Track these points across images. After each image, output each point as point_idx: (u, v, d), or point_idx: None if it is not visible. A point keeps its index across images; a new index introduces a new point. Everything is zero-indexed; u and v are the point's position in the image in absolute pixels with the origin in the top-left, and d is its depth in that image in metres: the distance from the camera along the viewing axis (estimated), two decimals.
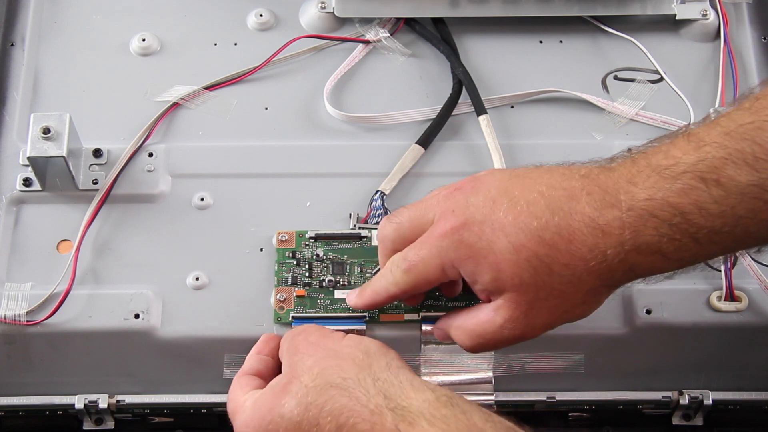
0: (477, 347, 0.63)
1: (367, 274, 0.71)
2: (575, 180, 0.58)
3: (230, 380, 0.69)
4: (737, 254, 0.70)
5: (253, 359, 0.65)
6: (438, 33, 0.81)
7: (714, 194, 0.55)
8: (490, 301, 0.61)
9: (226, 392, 0.68)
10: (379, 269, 0.66)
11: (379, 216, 0.72)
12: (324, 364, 0.59)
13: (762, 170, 0.54)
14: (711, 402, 0.70)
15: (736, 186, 0.54)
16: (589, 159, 0.61)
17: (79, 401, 0.69)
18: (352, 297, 0.67)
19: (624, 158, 0.59)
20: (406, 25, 0.82)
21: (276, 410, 0.59)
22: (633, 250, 0.57)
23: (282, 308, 0.70)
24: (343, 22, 0.82)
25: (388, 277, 0.64)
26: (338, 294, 0.70)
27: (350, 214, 0.73)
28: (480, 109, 0.77)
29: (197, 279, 0.71)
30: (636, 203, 0.56)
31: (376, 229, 0.72)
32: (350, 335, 0.63)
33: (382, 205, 0.73)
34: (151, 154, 0.75)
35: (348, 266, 0.71)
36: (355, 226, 0.72)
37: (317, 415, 0.57)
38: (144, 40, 0.80)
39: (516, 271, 0.58)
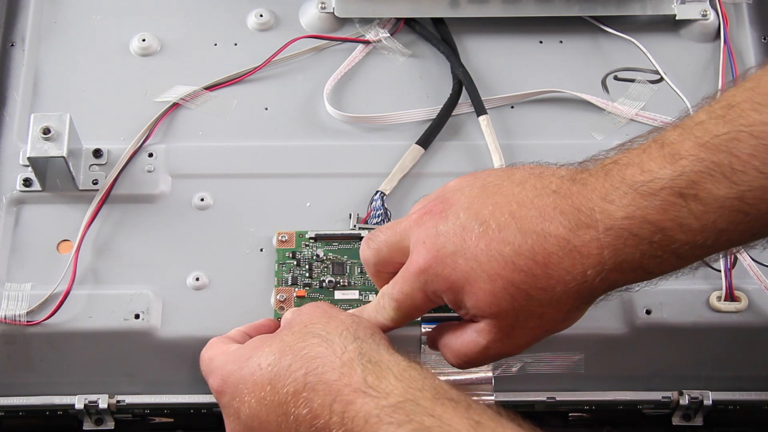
0: (463, 365, 0.62)
1: (366, 274, 0.71)
2: (547, 196, 0.56)
3: None
4: (737, 254, 0.70)
5: (239, 333, 0.66)
6: (438, 33, 0.81)
7: (693, 210, 0.53)
8: (474, 321, 0.60)
9: None
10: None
11: (379, 216, 0.72)
12: (315, 320, 0.59)
13: (741, 182, 0.53)
14: (711, 402, 0.70)
15: (716, 200, 0.53)
16: (561, 163, 0.59)
17: (79, 401, 0.69)
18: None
19: (597, 168, 0.57)
20: (406, 26, 0.82)
21: (256, 355, 0.58)
22: (614, 269, 0.55)
23: (282, 308, 0.69)
24: (343, 22, 0.82)
25: (383, 313, 0.63)
26: (338, 294, 0.70)
27: (350, 215, 0.73)
28: (480, 110, 0.77)
29: (197, 279, 0.71)
30: (614, 223, 0.54)
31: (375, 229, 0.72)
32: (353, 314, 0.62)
33: (382, 205, 0.73)
34: (151, 155, 0.75)
35: (348, 267, 0.71)
36: (355, 226, 0.72)
37: (291, 361, 0.56)
38: (144, 40, 0.80)
39: (493, 300, 0.57)
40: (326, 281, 0.70)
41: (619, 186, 0.55)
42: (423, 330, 0.69)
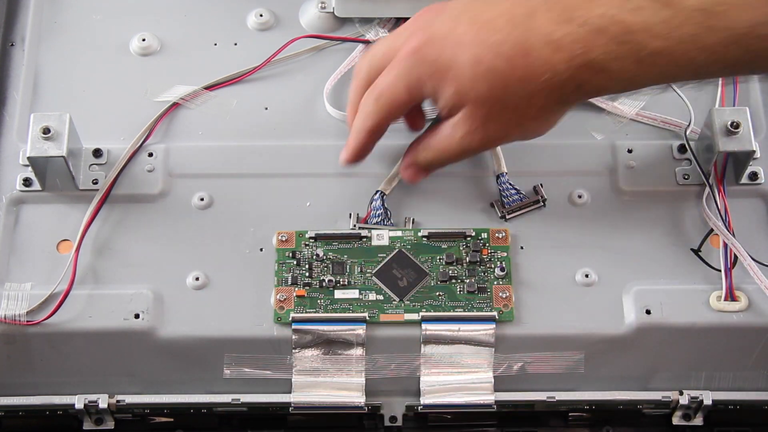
0: (441, 160, 0.68)
1: (366, 274, 0.71)
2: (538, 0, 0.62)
3: (230, 380, 0.69)
4: (737, 254, 0.70)
5: None
6: None
7: (662, 15, 0.58)
8: (449, 117, 0.65)
9: (226, 392, 0.69)
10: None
11: (379, 216, 0.72)
12: None
13: None
14: (711, 402, 0.70)
15: (683, 9, 0.58)
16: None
17: (79, 401, 0.69)
18: (342, 155, 0.70)
19: None
20: None
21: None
22: (582, 66, 0.60)
23: (282, 308, 0.70)
24: (343, 22, 0.82)
25: (362, 112, 0.68)
26: (338, 294, 0.70)
27: (350, 214, 0.73)
28: None
29: (197, 279, 0.71)
30: (590, 18, 0.59)
31: (376, 228, 0.72)
32: None
33: (382, 205, 0.73)
34: (151, 154, 0.75)
35: (348, 266, 0.71)
36: (355, 226, 0.72)
37: None
38: (144, 40, 0.80)
39: (473, 85, 0.62)
40: (326, 281, 0.70)
41: None
42: (423, 330, 0.69)
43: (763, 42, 0.58)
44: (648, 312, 0.70)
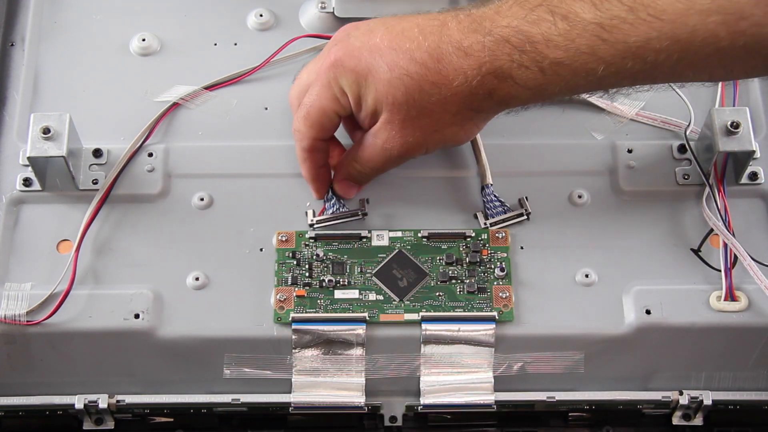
0: (371, 171, 0.70)
1: (366, 274, 0.71)
2: (450, 13, 0.66)
3: (230, 380, 0.69)
4: (736, 254, 0.70)
5: None
6: None
7: (560, 27, 0.62)
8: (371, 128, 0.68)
9: (226, 392, 0.69)
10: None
11: (333, 206, 0.72)
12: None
13: (603, 10, 0.61)
14: (711, 402, 0.70)
15: (580, 22, 0.61)
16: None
17: (79, 401, 0.69)
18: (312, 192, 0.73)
19: None
20: None
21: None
22: (490, 73, 0.63)
23: (282, 308, 0.70)
24: (343, 22, 0.81)
25: (296, 137, 0.71)
26: (338, 294, 0.70)
27: (306, 212, 0.73)
28: None
29: (197, 279, 0.71)
30: (495, 29, 0.63)
31: (332, 221, 0.72)
32: None
33: (334, 194, 0.73)
34: (151, 154, 0.75)
35: (348, 266, 0.71)
36: (312, 220, 0.72)
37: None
38: (144, 40, 0.80)
39: (390, 90, 0.65)
40: (326, 281, 0.70)
41: (510, 3, 0.64)
42: (423, 330, 0.69)
43: (659, 55, 0.61)
44: (648, 312, 0.70)
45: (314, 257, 0.71)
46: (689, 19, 0.59)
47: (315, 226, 0.72)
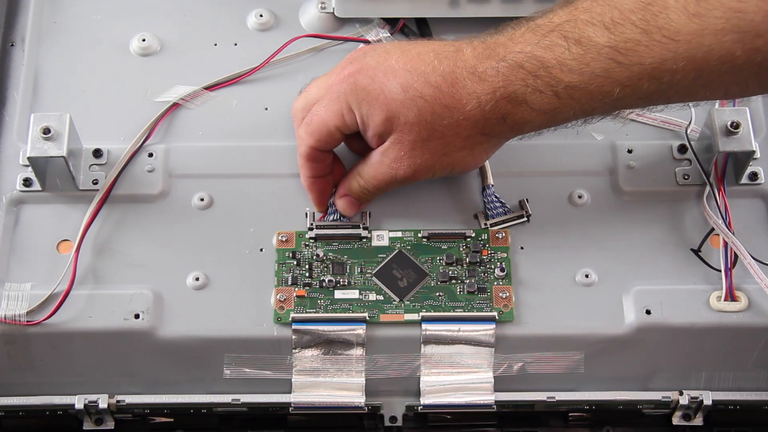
0: (375, 188, 0.70)
1: (366, 274, 0.71)
2: (464, 40, 0.67)
3: (230, 380, 0.69)
4: (737, 253, 0.70)
5: None
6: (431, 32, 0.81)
7: (573, 52, 0.62)
8: (378, 147, 0.68)
9: (226, 392, 0.69)
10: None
11: (335, 213, 0.72)
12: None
13: (617, 33, 0.61)
14: (711, 402, 0.70)
15: (594, 46, 0.61)
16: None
17: (79, 401, 0.69)
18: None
19: (514, 23, 0.66)
20: (406, 26, 0.82)
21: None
22: (504, 98, 0.64)
23: (282, 308, 0.70)
24: (343, 22, 0.81)
25: (298, 141, 0.71)
26: (338, 294, 0.70)
27: (306, 213, 0.73)
28: None
29: (197, 279, 0.71)
30: (509, 55, 0.64)
31: (333, 228, 0.72)
32: None
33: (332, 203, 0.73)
34: (151, 155, 0.75)
35: (348, 266, 0.71)
36: (312, 224, 0.72)
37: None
38: (144, 40, 0.80)
39: (403, 110, 0.65)
40: (326, 281, 0.70)
41: (523, 29, 0.64)
42: (423, 330, 0.69)
43: (674, 75, 0.61)
44: (648, 312, 0.70)
45: (314, 257, 0.71)
46: (704, 39, 0.59)
47: (314, 230, 0.72)
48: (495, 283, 0.71)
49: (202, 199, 0.74)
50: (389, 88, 0.66)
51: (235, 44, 0.81)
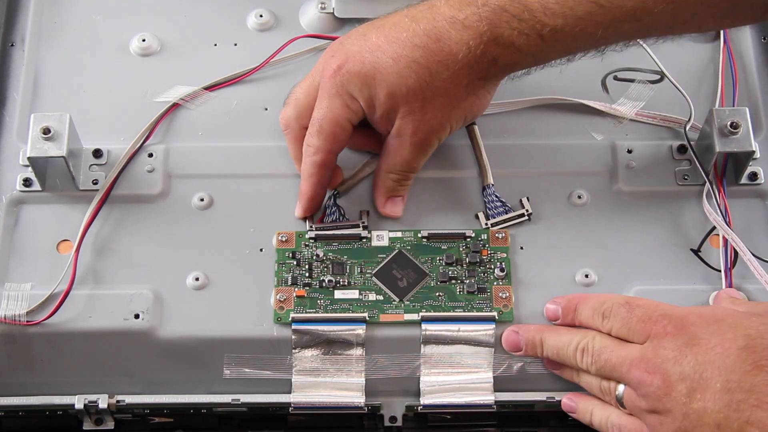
0: (409, 173, 0.71)
1: (366, 274, 0.71)
2: None
3: (230, 380, 0.69)
4: (736, 249, 0.70)
5: None
6: None
7: None
8: (389, 132, 0.69)
9: (226, 392, 0.69)
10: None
11: (333, 214, 0.72)
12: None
13: None
14: None
15: None
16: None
17: (79, 401, 0.69)
18: (297, 210, 0.72)
19: None
20: None
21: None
22: (491, 41, 0.65)
23: (282, 308, 0.70)
24: (343, 22, 0.81)
25: (307, 152, 0.70)
26: (338, 294, 0.70)
27: (305, 219, 0.73)
28: None
29: (197, 279, 0.71)
30: (490, 0, 0.65)
31: (332, 229, 0.72)
32: None
33: (335, 203, 0.73)
34: (151, 155, 0.75)
35: (348, 266, 0.71)
36: (312, 226, 0.72)
37: None
38: (144, 40, 0.80)
39: (401, 80, 0.66)
40: (326, 281, 0.70)
41: None
42: (423, 330, 0.69)
43: (654, 16, 0.63)
44: None
45: (314, 257, 0.71)
46: None
47: (314, 231, 0.72)
48: (495, 283, 0.71)
49: (202, 199, 0.74)
50: (381, 64, 0.66)
51: (235, 44, 0.81)
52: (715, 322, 0.61)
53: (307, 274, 0.71)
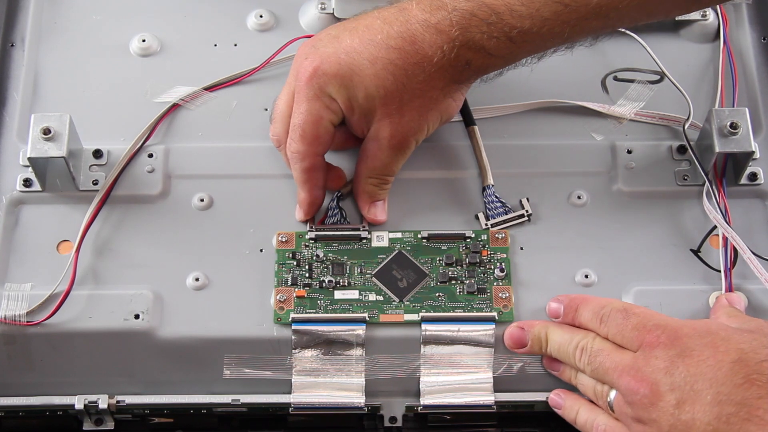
0: (388, 176, 0.71)
1: (366, 275, 0.71)
2: (407, 1, 0.68)
3: (230, 381, 0.69)
4: (736, 247, 0.70)
5: None
6: None
7: None
8: (365, 134, 0.69)
9: (226, 392, 0.69)
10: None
11: (335, 216, 0.72)
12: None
13: None
14: None
15: None
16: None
17: (79, 401, 0.69)
18: (297, 214, 0.72)
19: None
20: None
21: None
22: (463, 45, 0.66)
23: (282, 309, 0.70)
24: None
25: (293, 159, 0.70)
26: (338, 294, 0.70)
27: (307, 222, 0.73)
28: (469, 120, 0.76)
29: (197, 279, 0.71)
30: (459, 5, 0.65)
31: (333, 230, 0.72)
32: None
33: (337, 205, 0.73)
34: (151, 155, 0.75)
35: (348, 267, 0.71)
36: (312, 227, 0.72)
37: None
38: (144, 40, 0.80)
39: (379, 81, 0.66)
40: (326, 281, 0.70)
41: None
42: (423, 330, 0.69)
43: (620, 12, 0.64)
44: None
45: (314, 258, 0.71)
46: None
47: (314, 232, 0.72)
48: (495, 284, 0.71)
49: (202, 200, 0.74)
50: (357, 65, 0.66)
51: (235, 45, 0.81)
52: (708, 335, 0.61)
53: (307, 275, 0.71)
